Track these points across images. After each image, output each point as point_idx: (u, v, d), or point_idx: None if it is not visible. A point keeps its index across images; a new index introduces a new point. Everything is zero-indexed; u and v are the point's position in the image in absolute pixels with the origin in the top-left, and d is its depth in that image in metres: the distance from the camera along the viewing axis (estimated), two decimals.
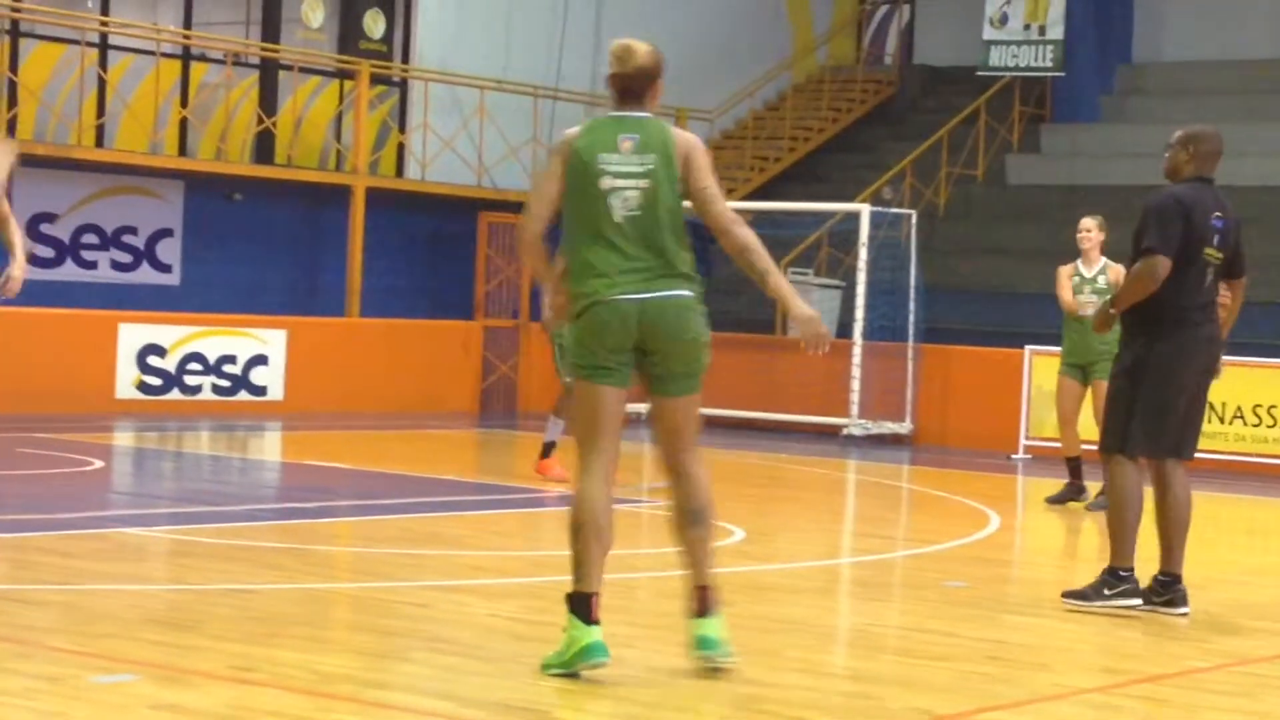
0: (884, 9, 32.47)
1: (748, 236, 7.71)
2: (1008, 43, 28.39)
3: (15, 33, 22.77)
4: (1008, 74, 28.37)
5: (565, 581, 7.65)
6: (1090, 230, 14.86)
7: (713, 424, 23.21)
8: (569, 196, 7.62)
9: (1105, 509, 14.88)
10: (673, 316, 7.58)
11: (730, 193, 28.04)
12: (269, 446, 19.51)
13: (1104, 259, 14.80)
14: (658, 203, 7.60)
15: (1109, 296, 12.61)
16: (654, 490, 15.54)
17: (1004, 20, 28.42)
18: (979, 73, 28.33)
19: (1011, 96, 28.63)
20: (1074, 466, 15.03)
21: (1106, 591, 9.61)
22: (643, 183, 7.58)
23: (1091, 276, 14.70)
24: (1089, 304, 14.28)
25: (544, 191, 7.67)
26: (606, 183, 7.57)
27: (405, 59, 26.47)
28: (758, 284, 7.76)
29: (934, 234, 25.95)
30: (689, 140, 7.74)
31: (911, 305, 22.59)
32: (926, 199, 26.89)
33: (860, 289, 22.32)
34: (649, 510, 13.96)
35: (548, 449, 14.91)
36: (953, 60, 30.23)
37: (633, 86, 7.72)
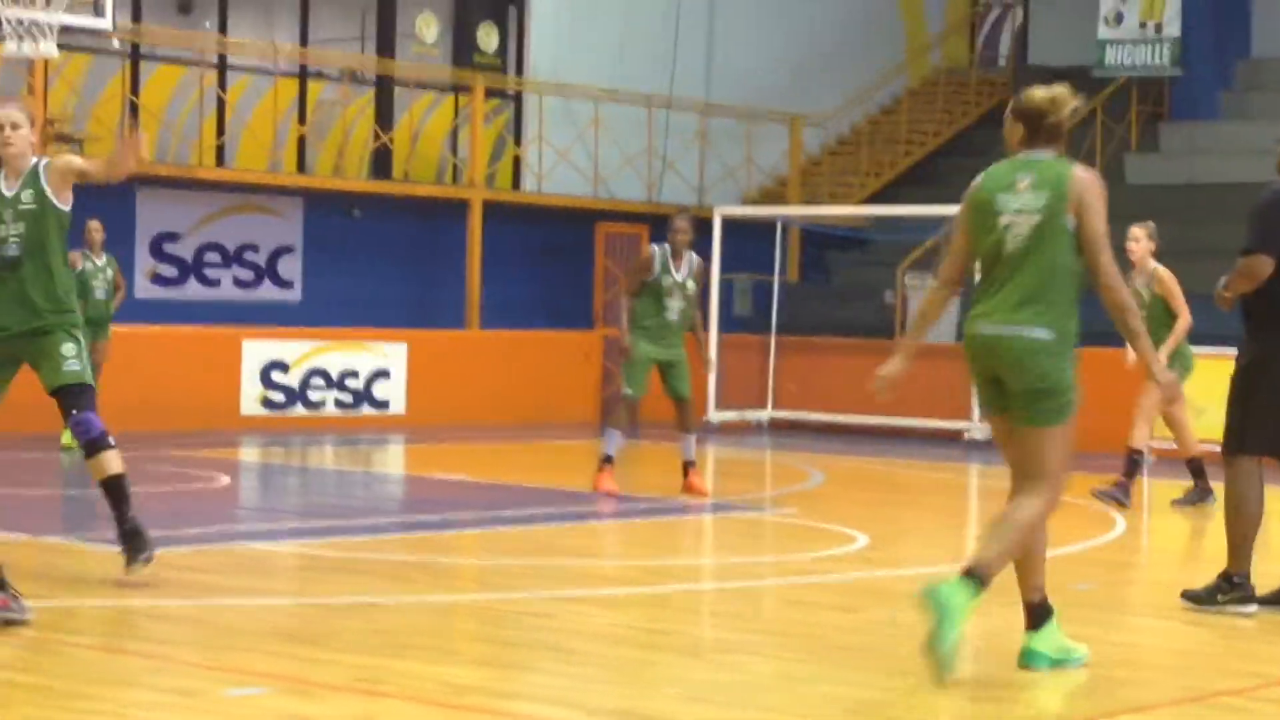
0: (997, 10, 32.29)
1: (1126, 299, 7.80)
2: (1123, 42, 28.14)
3: (136, 55, 23.06)
4: (1124, 74, 28.13)
5: (689, 590, 7.64)
6: (1138, 239, 14.71)
7: (832, 430, 23.18)
8: (972, 237, 7.89)
9: (1192, 504, 14.73)
10: (1015, 355, 7.64)
11: (846, 198, 27.98)
12: (392, 460, 19.63)
13: (1154, 265, 14.64)
14: (1043, 239, 7.67)
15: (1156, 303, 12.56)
16: (777, 499, 15.52)
17: (1119, 19, 28.17)
18: (1094, 73, 28.09)
19: (1129, 95, 28.38)
20: (1195, 468, 14.86)
21: (1220, 597, 9.48)
22: (1033, 218, 7.66)
23: (1140, 287, 14.49)
24: None
25: (954, 247, 8.02)
26: (1004, 219, 7.77)
27: (519, 72, 26.58)
28: (1127, 340, 7.81)
29: None
30: (1084, 181, 7.80)
31: None
32: None
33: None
34: (771, 518, 13.95)
35: (606, 461, 14.78)
36: (1067, 60, 29.95)
37: (1042, 128, 7.84)
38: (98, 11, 16.74)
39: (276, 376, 21.39)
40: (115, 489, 9.72)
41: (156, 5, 24.91)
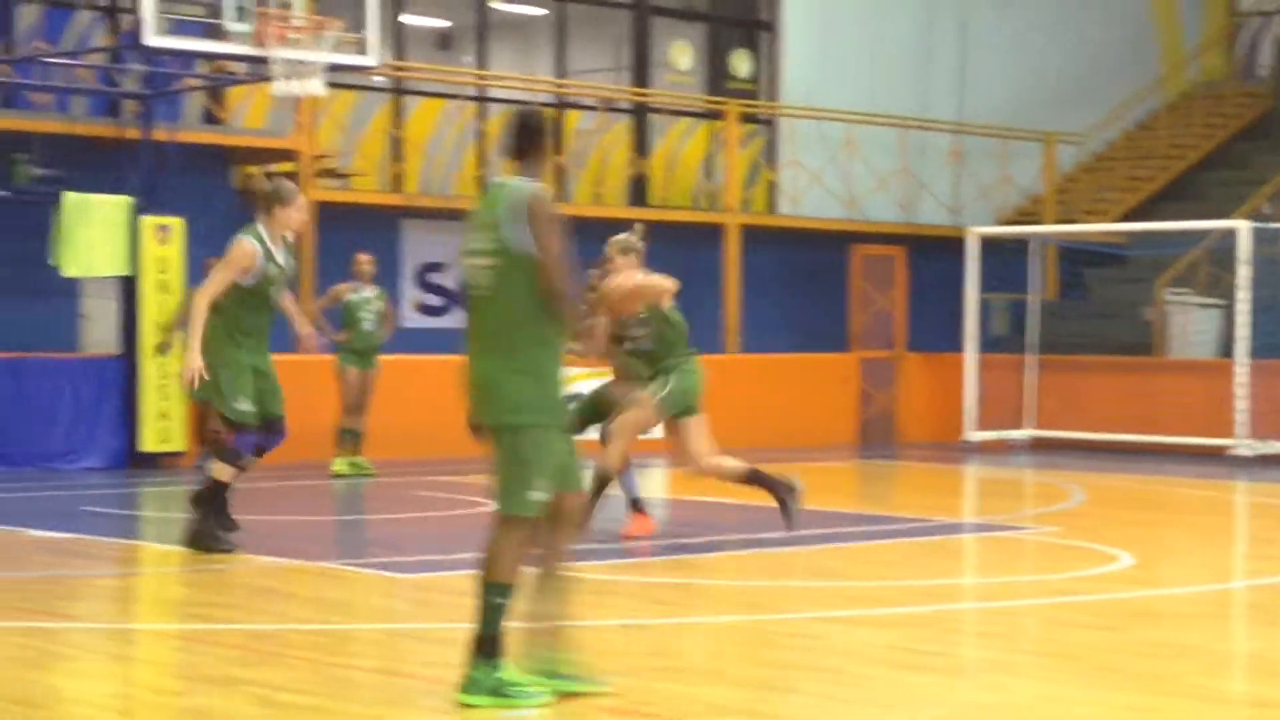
0: (1257, 21, 31.73)
1: None
2: None
3: (399, 91, 23.58)
4: None
5: (951, 610, 7.69)
6: None
7: (1092, 448, 22.95)
8: None
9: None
10: None
11: (1102, 214, 27.71)
12: (654, 483, 19.82)
13: None
14: None
15: None
16: (1038, 518, 15.44)
17: None
18: None
19: None
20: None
21: None
22: None
23: None
24: None
25: None
26: None
27: (773, 96, 26.71)
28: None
29: None
30: None
31: None
32: None
33: (1242, 307, 21.89)
34: (1032, 537, 13.89)
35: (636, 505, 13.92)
36: None
37: None
38: (363, 50, 17.17)
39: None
40: None
41: (418, 42, 25.47)
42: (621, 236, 13.59)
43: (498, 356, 7.36)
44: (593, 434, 13.44)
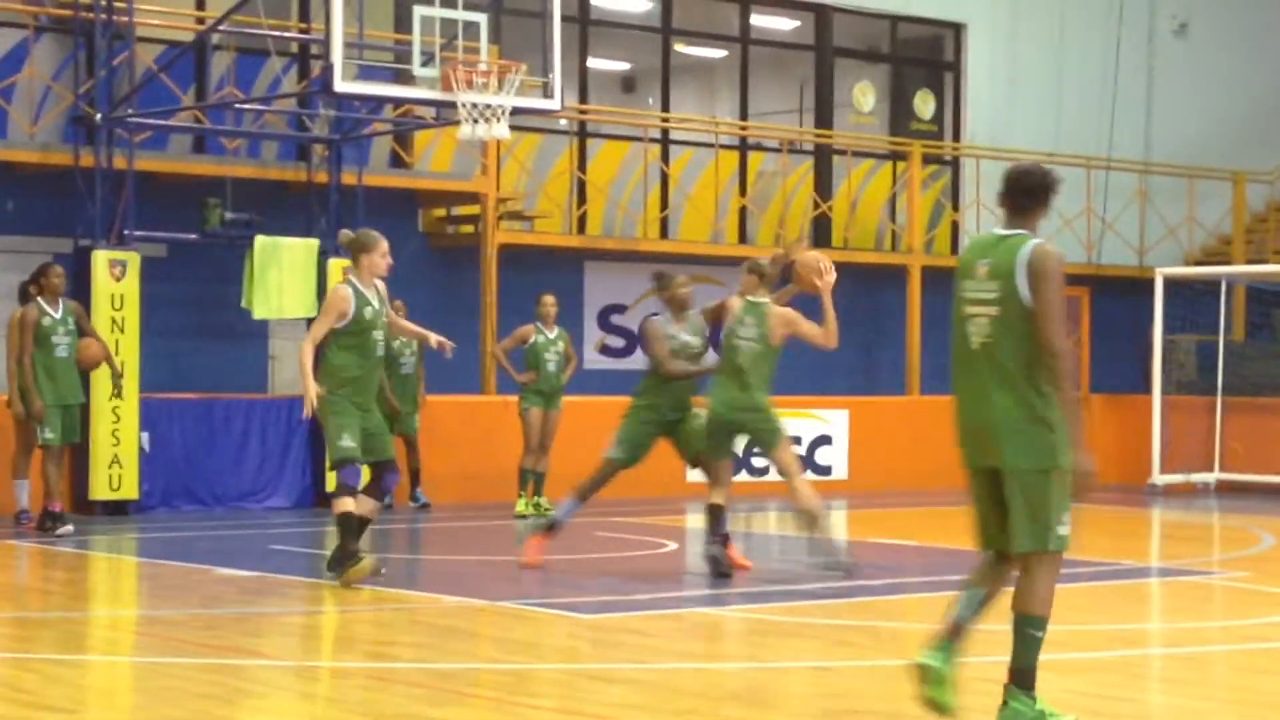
0: None
1: None
2: None
3: (583, 134, 23.75)
4: None
5: (1139, 655, 7.61)
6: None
7: (1279, 491, 22.55)
8: None
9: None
10: None
11: None
12: (836, 525, 19.76)
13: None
14: None
15: None
16: (1226, 562, 15.22)
17: None
18: None
19: None
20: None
21: None
22: None
23: None
24: None
25: None
26: None
27: (956, 137, 26.61)
28: None
29: None
30: None
31: None
32: None
33: None
34: (1221, 582, 13.69)
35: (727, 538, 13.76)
36: None
37: None
38: (547, 94, 17.32)
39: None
40: None
41: (602, 85, 25.65)
42: (757, 259, 13.74)
43: (1010, 404, 7.62)
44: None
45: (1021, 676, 7.64)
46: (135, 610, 12.20)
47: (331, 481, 19.12)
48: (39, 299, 16.36)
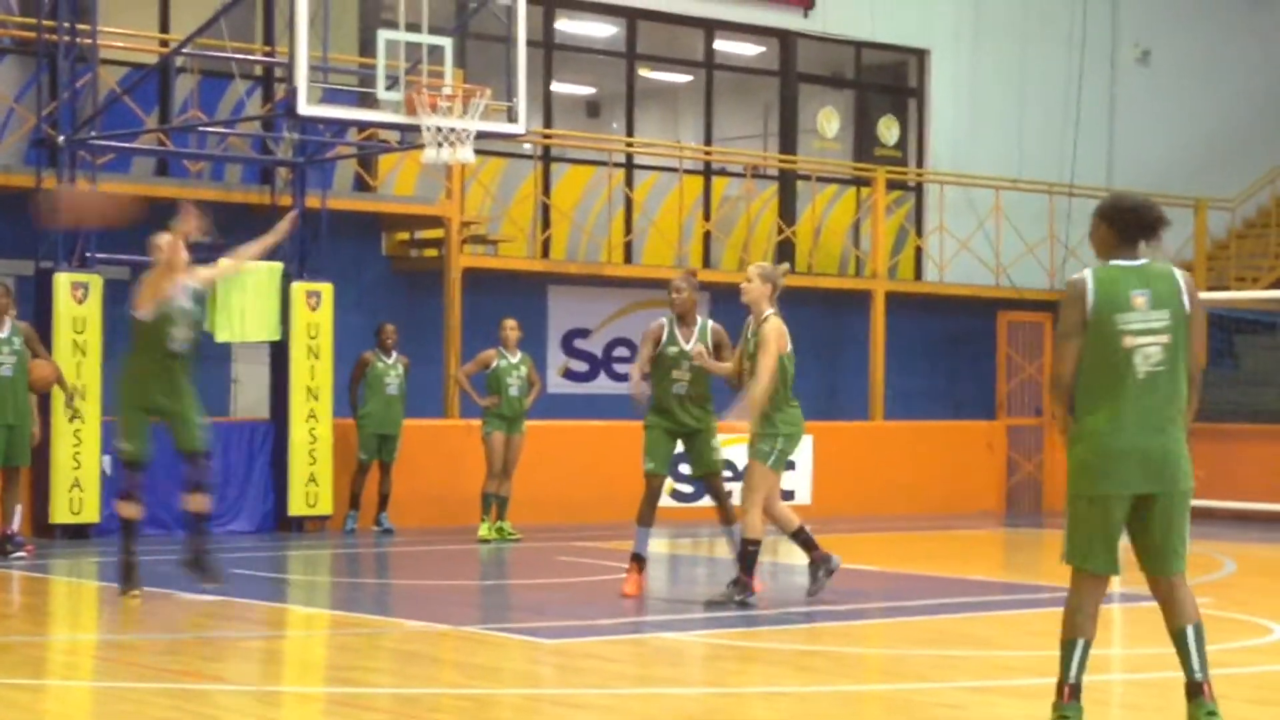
0: None
1: None
2: None
3: (547, 158, 23.77)
4: None
5: (1100, 681, 7.63)
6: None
7: (1243, 517, 22.64)
8: None
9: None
10: None
11: (1254, 281, 27.41)
12: (797, 550, 19.76)
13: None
14: None
15: None
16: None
17: None
18: None
19: None
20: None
21: None
22: None
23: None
24: None
25: None
26: None
27: (920, 163, 26.70)
28: None
29: None
30: None
31: None
32: None
33: None
34: None
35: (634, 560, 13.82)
36: None
37: None
38: (512, 118, 17.33)
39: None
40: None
41: (566, 109, 25.67)
42: (770, 266, 13.53)
43: (1174, 430, 7.69)
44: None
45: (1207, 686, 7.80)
46: (95, 634, 12.16)
47: (295, 504, 19.14)
48: None
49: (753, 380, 12.93)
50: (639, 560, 13.68)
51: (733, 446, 17.29)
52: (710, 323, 13.93)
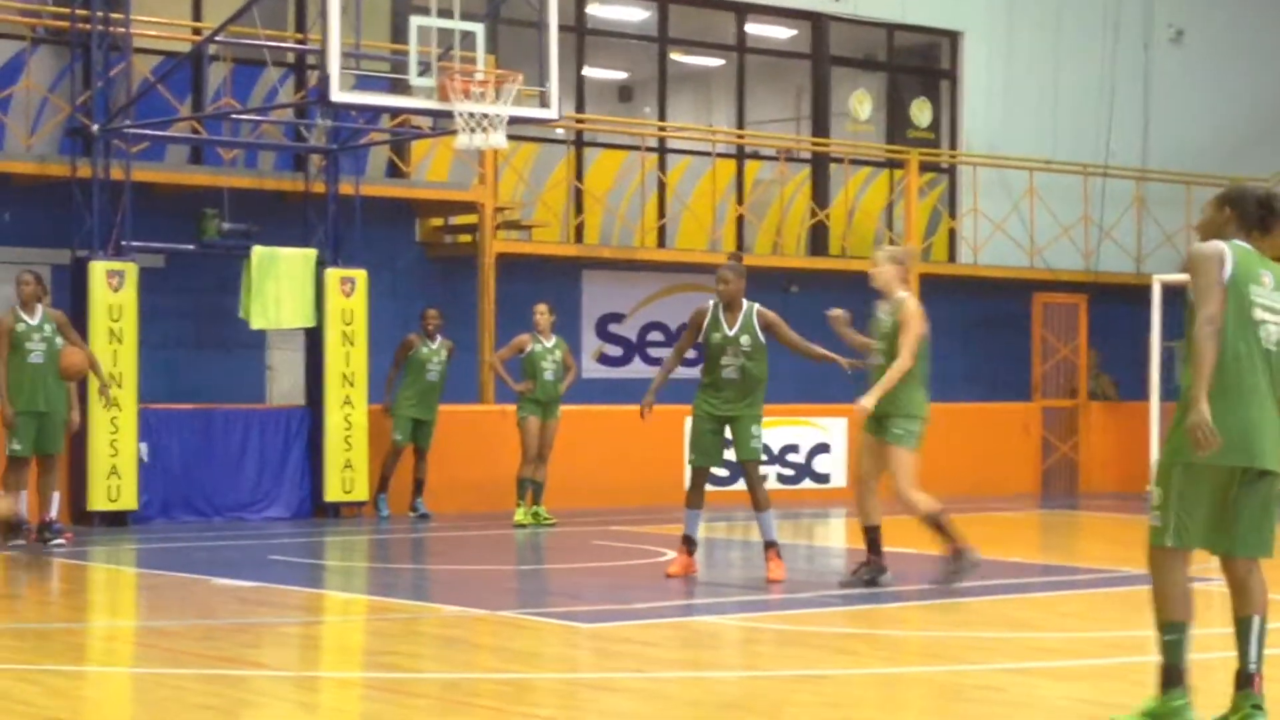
0: None
1: None
2: None
3: (580, 143, 23.76)
4: None
5: (1136, 663, 7.60)
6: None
7: None
8: None
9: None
10: None
11: None
12: (833, 533, 19.78)
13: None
14: None
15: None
16: None
17: None
18: None
19: None
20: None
21: None
22: None
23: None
24: None
25: None
26: None
27: (953, 145, 26.63)
28: None
29: None
30: None
31: None
32: None
33: None
34: (1219, 588, 13.65)
35: (685, 543, 13.93)
36: None
37: None
38: (544, 103, 17.32)
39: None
40: None
41: (599, 94, 25.66)
42: (897, 248, 13.64)
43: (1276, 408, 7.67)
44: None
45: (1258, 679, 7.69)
46: (134, 621, 12.19)
47: (331, 491, 19.17)
48: (15, 307, 16.26)
49: (882, 362, 13.09)
50: (689, 543, 13.77)
51: (772, 430, 17.22)
52: (756, 306, 13.90)
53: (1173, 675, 7.59)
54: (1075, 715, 8.47)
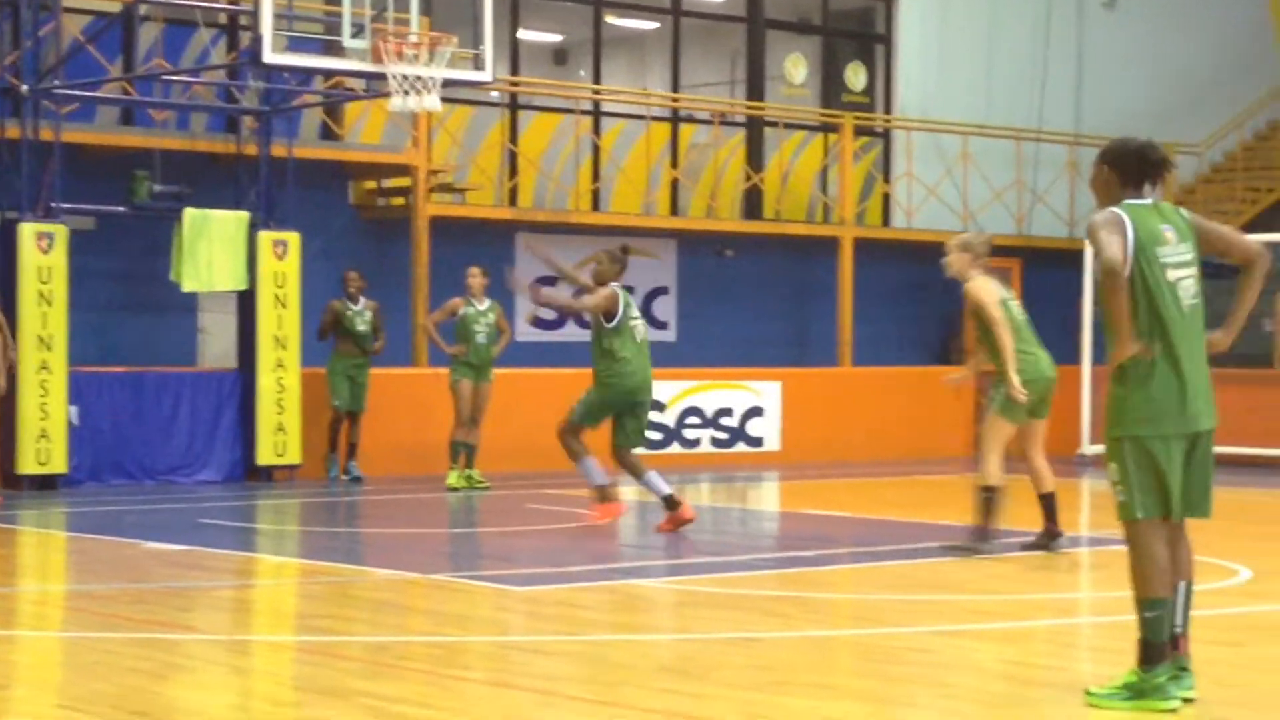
0: None
1: None
2: None
3: (514, 105, 23.70)
4: None
5: (1068, 624, 7.64)
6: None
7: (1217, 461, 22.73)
8: None
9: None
10: None
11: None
12: (767, 496, 19.83)
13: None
14: None
15: None
16: None
17: None
18: None
19: None
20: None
21: None
22: None
23: None
24: None
25: None
26: None
27: (887, 109, 26.67)
28: None
29: None
30: None
31: None
32: None
33: None
34: None
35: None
36: None
37: None
38: (478, 66, 17.25)
39: (652, 415, 21.72)
40: None
41: (534, 57, 25.58)
42: (968, 235, 13.84)
43: (1206, 364, 7.77)
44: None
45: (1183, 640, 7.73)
46: (64, 585, 12.13)
47: (264, 454, 19.10)
48: None
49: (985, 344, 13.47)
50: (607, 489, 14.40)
51: (706, 394, 17.19)
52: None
53: (1155, 651, 7.56)
54: (1005, 677, 8.52)
